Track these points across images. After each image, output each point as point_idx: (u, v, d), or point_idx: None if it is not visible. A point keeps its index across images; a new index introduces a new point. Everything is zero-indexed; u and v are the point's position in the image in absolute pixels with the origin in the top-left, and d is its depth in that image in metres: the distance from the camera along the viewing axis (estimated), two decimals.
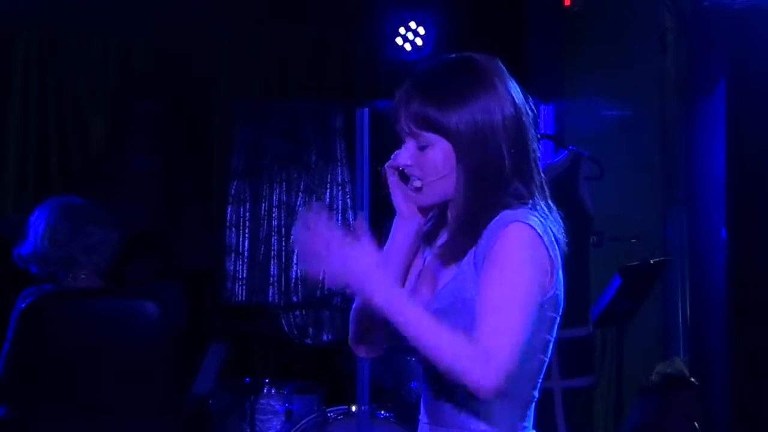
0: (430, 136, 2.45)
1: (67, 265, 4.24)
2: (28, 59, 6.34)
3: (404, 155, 2.49)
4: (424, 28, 5.87)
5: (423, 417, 2.56)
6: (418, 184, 2.49)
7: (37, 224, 4.25)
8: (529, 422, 2.49)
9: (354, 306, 2.61)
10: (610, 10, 6.26)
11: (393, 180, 2.55)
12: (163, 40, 6.42)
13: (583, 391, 5.57)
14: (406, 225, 2.57)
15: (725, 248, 5.69)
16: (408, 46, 5.88)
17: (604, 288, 5.67)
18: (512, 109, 2.48)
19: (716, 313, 5.78)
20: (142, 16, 6.38)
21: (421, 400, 2.57)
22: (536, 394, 2.51)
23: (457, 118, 2.44)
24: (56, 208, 4.27)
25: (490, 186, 2.44)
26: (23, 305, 4.14)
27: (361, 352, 2.64)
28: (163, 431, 4.27)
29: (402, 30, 5.90)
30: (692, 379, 4.55)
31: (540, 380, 2.51)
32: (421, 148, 2.47)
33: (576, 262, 5.57)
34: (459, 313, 2.43)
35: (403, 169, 2.51)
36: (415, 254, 2.60)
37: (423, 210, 2.55)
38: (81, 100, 6.42)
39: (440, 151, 2.46)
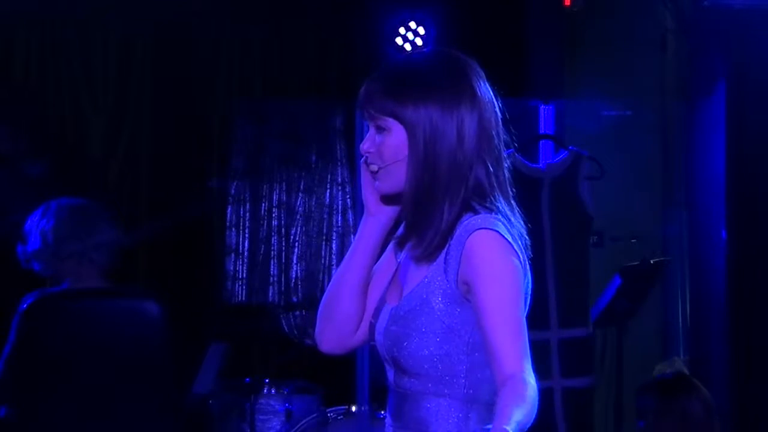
0: (389, 121, 2.49)
1: (77, 261, 4.24)
2: (28, 59, 6.34)
3: (365, 141, 2.54)
4: (424, 28, 5.87)
5: (388, 418, 2.59)
6: (374, 168, 2.53)
7: (44, 222, 4.25)
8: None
9: (322, 300, 2.65)
10: (610, 10, 6.25)
11: (365, 176, 2.58)
12: (163, 40, 6.42)
13: (583, 391, 5.57)
14: (372, 222, 2.60)
15: (725, 248, 5.70)
16: (408, 46, 5.87)
17: (604, 288, 5.67)
18: (475, 107, 2.50)
19: (716, 313, 5.79)
20: (142, 16, 6.38)
21: (387, 401, 2.60)
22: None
23: (412, 108, 2.47)
24: (64, 207, 4.28)
25: (439, 177, 2.47)
26: (24, 306, 4.14)
27: (324, 346, 2.66)
28: (163, 431, 4.27)
29: (402, 30, 5.89)
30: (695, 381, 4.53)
31: None
32: (380, 132, 2.51)
33: (576, 262, 5.60)
34: (425, 316, 2.46)
35: (366, 158, 2.55)
36: (380, 253, 2.63)
37: (386, 200, 2.57)
38: (81, 100, 6.42)
39: (397, 136, 2.49)
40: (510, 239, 2.44)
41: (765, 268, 5.69)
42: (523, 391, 2.32)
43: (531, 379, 2.35)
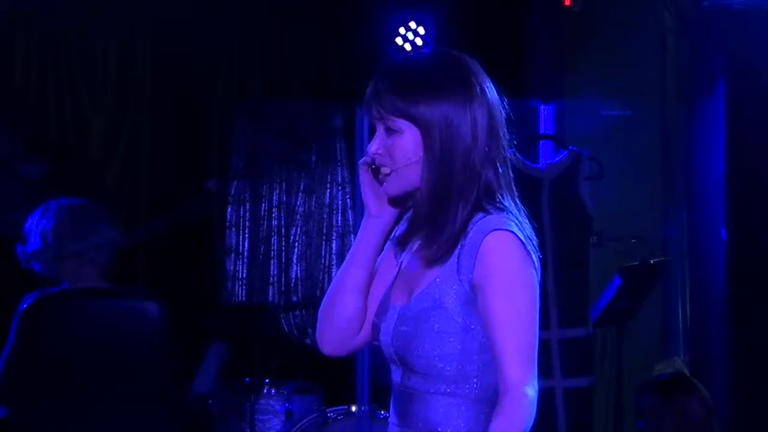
0: (400, 122, 2.48)
1: (77, 261, 4.24)
2: (28, 59, 6.34)
3: (374, 143, 2.52)
4: (424, 28, 5.87)
5: (392, 418, 2.58)
6: (386, 171, 2.51)
7: (44, 222, 4.25)
8: None
9: (323, 302, 2.65)
10: (610, 11, 6.26)
11: (364, 177, 2.57)
12: (163, 41, 6.42)
13: (583, 391, 5.57)
14: (374, 223, 2.59)
15: (725, 248, 5.70)
16: (408, 46, 5.88)
17: (604, 288, 5.67)
18: (485, 106, 2.49)
19: (716, 313, 5.79)
20: (142, 16, 6.38)
21: (390, 401, 2.60)
22: None
23: (425, 108, 2.46)
24: (63, 207, 4.28)
25: (455, 177, 2.46)
26: (24, 306, 4.14)
27: (326, 348, 2.66)
28: (163, 431, 4.27)
29: (402, 30, 5.90)
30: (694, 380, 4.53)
31: None
32: (391, 134, 2.49)
33: (576, 262, 5.60)
34: (438, 317, 2.46)
35: (374, 162, 2.53)
36: (380, 254, 2.63)
37: (392, 202, 2.57)
38: (81, 100, 6.42)
39: (409, 138, 2.48)
40: (523, 238, 2.44)
41: (765, 268, 5.69)
42: (517, 410, 2.34)
43: (531, 391, 2.36)
